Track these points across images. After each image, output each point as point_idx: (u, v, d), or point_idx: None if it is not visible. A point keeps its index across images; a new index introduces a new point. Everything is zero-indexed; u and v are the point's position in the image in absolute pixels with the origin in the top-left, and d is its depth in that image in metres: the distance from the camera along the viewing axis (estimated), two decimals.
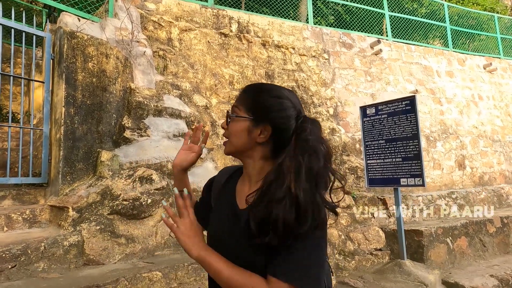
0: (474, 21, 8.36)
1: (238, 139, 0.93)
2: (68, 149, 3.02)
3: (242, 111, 0.93)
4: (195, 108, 4.16)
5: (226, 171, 1.12)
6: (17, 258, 2.35)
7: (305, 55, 5.73)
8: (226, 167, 1.16)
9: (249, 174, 0.97)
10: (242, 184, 1.00)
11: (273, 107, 0.90)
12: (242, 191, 0.97)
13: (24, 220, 2.82)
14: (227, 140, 0.97)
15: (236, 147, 0.95)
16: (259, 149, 0.92)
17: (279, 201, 0.77)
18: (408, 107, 3.68)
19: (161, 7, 4.73)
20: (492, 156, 7.15)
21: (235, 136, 0.94)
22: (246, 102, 0.94)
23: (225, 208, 0.99)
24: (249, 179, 0.97)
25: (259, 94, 0.94)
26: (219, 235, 0.96)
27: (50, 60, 3.38)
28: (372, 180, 3.95)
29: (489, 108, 7.53)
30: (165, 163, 3.35)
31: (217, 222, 0.99)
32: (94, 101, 3.24)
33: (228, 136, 0.96)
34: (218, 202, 1.05)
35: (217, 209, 1.03)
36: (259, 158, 0.93)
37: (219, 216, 1.00)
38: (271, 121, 0.89)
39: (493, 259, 4.34)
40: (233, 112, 0.96)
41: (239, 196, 0.97)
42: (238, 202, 0.95)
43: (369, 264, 3.89)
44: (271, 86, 0.96)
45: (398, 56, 6.72)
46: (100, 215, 2.81)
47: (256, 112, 0.91)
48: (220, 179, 1.09)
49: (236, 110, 0.95)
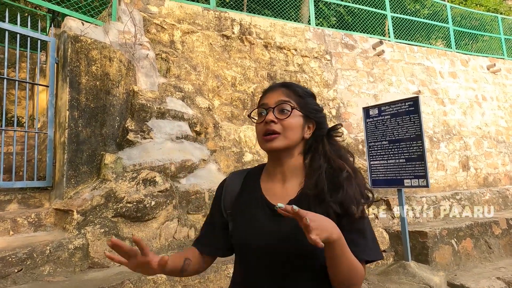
0: (477, 22, 8.33)
1: (295, 134, 0.94)
2: (72, 152, 3.04)
3: (296, 106, 0.95)
4: (197, 110, 4.17)
5: (235, 178, 1.05)
6: (23, 262, 2.37)
7: (307, 56, 5.73)
8: (231, 174, 1.09)
9: (282, 171, 0.96)
10: (270, 183, 0.98)
11: (317, 106, 1.00)
12: (273, 189, 0.96)
13: (29, 224, 2.83)
14: (278, 134, 0.92)
15: (290, 141, 0.93)
16: (301, 146, 0.98)
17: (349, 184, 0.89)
18: (412, 108, 3.67)
19: (163, 10, 4.76)
20: (497, 157, 7.10)
21: (292, 131, 0.93)
22: (296, 100, 0.96)
23: (259, 212, 0.93)
24: (282, 176, 0.97)
25: (305, 93, 1.00)
26: (263, 240, 0.89)
27: (54, 64, 3.41)
28: (376, 181, 3.94)
29: (493, 109, 7.49)
30: (168, 165, 3.36)
31: (252, 230, 0.92)
32: (97, 104, 3.26)
33: (282, 130, 0.92)
34: (241, 210, 0.97)
35: (246, 217, 0.95)
36: (298, 153, 0.98)
37: (252, 224, 0.93)
38: (316, 119, 0.99)
39: (500, 261, 4.30)
40: (289, 105, 0.94)
41: (272, 195, 0.95)
42: (275, 201, 0.91)
43: (374, 265, 3.87)
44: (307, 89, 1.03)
45: (401, 57, 6.70)
46: (104, 218, 2.82)
47: (306, 109, 0.97)
48: (232, 189, 1.03)
49: (291, 105, 0.94)
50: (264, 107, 0.96)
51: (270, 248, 0.88)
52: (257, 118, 0.99)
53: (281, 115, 0.93)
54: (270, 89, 1.00)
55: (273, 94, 0.97)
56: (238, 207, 0.99)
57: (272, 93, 0.97)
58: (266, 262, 0.88)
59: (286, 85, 0.99)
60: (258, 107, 0.99)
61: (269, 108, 0.94)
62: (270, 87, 1.01)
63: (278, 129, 0.92)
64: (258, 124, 0.96)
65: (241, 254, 0.97)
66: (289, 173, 0.96)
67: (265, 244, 0.88)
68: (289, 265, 0.87)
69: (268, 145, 0.93)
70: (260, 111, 0.98)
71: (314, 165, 0.94)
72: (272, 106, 0.94)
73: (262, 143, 0.95)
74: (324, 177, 0.90)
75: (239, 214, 0.98)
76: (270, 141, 0.92)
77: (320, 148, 0.96)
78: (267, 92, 1.00)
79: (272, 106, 0.94)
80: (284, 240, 0.87)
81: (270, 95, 0.97)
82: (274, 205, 0.85)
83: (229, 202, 1.01)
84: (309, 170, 0.95)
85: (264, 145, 0.94)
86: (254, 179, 1.02)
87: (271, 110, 0.94)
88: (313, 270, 0.87)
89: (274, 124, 0.92)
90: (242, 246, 0.95)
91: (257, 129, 0.97)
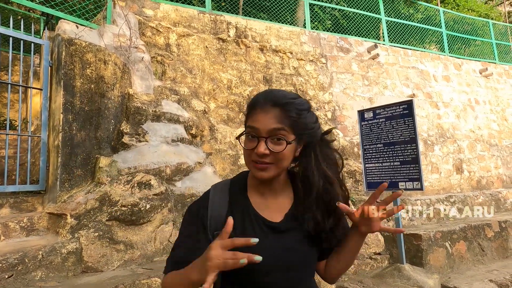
0: (469, 27, 8.46)
1: (287, 162, 0.90)
2: (66, 156, 3.01)
3: (290, 132, 0.87)
4: (193, 113, 4.16)
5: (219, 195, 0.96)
6: (14, 268, 2.33)
7: (302, 59, 5.76)
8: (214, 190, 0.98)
9: (273, 188, 0.95)
10: (260, 197, 0.95)
11: (310, 121, 0.93)
12: (265, 204, 0.94)
13: (21, 228, 2.79)
14: (270, 164, 0.87)
15: (282, 169, 0.91)
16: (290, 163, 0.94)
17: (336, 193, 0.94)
18: (406, 111, 3.70)
19: (159, 13, 4.76)
20: (490, 160, 7.18)
21: (284, 160, 0.89)
22: (289, 121, 0.87)
23: (256, 230, 0.90)
24: (272, 191, 0.95)
25: (299, 111, 0.89)
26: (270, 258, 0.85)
27: (48, 67, 3.38)
28: (371, 183, 3.96)
29: (485, 112, 7.58)
30: (164, 168, 3.34)
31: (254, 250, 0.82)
32: (92, 107, 3.24)
33: (275, 161, 0.87)
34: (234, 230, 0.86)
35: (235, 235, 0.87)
36: (286, 170, 0.96)
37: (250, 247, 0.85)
38: (307, 135, 0.93)
39: (492, 263, 4.34)
40: (282, 135, 0.86)
41: (264, 210, 0.93)
42: (268, 217, 0.92)
43: (368, 268, 3.88)
44: (301, 98, 0.93)
45: (395, 61, 6.77)
46: (99, 222, 2.79)
47: (298, 129, 0.89)
48: (220, 208, 0.93)
49: (284, 133, 0.86)
50: (255, 133, 0.87)
51: (277, 264, 0.88)
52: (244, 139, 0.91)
53: (274, 145, 0.86)
54: (261, 107, 0.88)
55: (264, 117, 0.86)
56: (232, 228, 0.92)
57: (264, 115, 0.87)
58: (274, 278, 0.88)
59: (279, 104, 0.87)
60: (247, 130, 0.90)
61: (261, 137, 0.86)
62: (260, 104, 0.89)
63: (270, 160, 0.87)
64: (247, 149, 0.89)
65: (242, 276, 0.88)
66: (278, 188, 0.96)
67: (273, 260, 0.87)
68: (294, 274, 0.92)
69: (259, 174, 0.88)
70: (252, 136, 0.88)
71: (307, 183, 0.93)
72: (265, 136, 0.85)
73: (252, 169, 0.90)
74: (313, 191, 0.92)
75: (233, 235, 0.89)
76: (262, 170, 0.88)
77: (313, 158, 0.93)
78: (257, 112, 0.88)
79: (265, 136, 0.85)
80: (289, 254, 0.89)
81: (261, 119, 0.87)
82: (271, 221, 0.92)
83: (217, 222, 0.91)
84: (302, 185, 0.94)
85: (255, 172, 0.89)
86: (241, 193, 0.96)
87: (263, 140, 0.85)
88: (311, 273, 0.99)
89: (267, 156, 0.86)
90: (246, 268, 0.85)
91: (246, 152, 0.90)
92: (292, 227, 0.92)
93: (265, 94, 0.92)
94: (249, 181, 0.98)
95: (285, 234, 0.91)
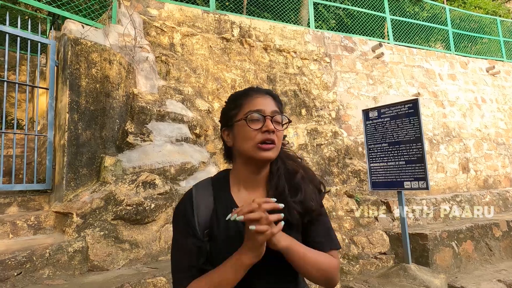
0: (476, 25, 8.36)
1: (281, 144, 0.97)
2: (72, 155, 3.04)
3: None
4: (197, 113, 4.17)
5: (203, 192, 0.97)
6: (23, 265, 2.36)
7: (306, 59, 5.75)
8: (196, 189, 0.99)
9: (258, 180, 0.97)
10: (243, 194, 0.96)
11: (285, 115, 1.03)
12: (248, 199, 0.92)
13: (29, 227, 2.83)
14: (274, 145, 0.92)
15: (279, 152, 0.97)
16: None
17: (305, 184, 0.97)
18: (411, 110, 3.68)
19: (163, 13, 4.78)
20: (497, 159, 7.10)
21: (280, 141, 0.96)
22: (279, 109, 0.98)
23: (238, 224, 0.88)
24: (257, 184, 0.98)
25: (281, 104, 1.02)
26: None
27: (55, 67, 3.41)
28: (375, 183, 3.94)
29: (492, 111, 7.50)
30: (168, 167, 3.36)
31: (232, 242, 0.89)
32: (97, 107, 3.26)
33: (278, 140, 0.93)
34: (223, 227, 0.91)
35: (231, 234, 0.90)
36: None
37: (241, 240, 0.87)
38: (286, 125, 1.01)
39: (500, 263, 4.29)
40: (281, 118, 0.96)
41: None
42: None
43: (374, 268, 3.86)
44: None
45: (400, 59, 6.72)
46: (104, 221, 2.81)
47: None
48: (206, 205, 0.94)
49: (285, 116, 0.98)
50: (261, 114, 0.91)
51: (264, 258, 0.87)
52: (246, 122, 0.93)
53: (276, 125, 0.93)
54: (257, 94, 0.96)
55: (265, 101, 0.94)
56: (220, 224, 0.92)
57: (264, 100, 0.95)
58: (257, 271, 0.87)
59: (271, 94, 0.99)
60: (249, 115, 0.92)
61: (267, 116, 0.91)
62: (256, 91, 0.97)
63: (275, 138, 0.92)
64: (253, 130, 0.90)
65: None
66: (262, 180, 0.99)
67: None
68: (276, 267, 0.91)
69: (265, 154, 0.90)
70: (257, 117, 0.91)
71: (273, 168, 0.98)
72: (270, 115, 0.92)
73: (255, 151, 0.90)
74: (283, 179, 0.96)
75: (222, 231, 0.91)
76: (268, 150, 0.90)
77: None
78: (255, 97, 0.95)
79: (270, 115, 0.92)
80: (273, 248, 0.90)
81: (262, 101, 0.94)
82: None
83: (204, 220, 0.92)
84: (269, 173, 0.99)
85: (260, 153, 0.90)
86: (224, 190, 0.97)
87: (269, 119, 0.91)
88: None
89: (273, 135, 0.91)
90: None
91: (251, 135, 0.90)
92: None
93: (253, 88, 1.00)
94: (232, 178, 1.00)
95: None
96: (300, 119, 5.26)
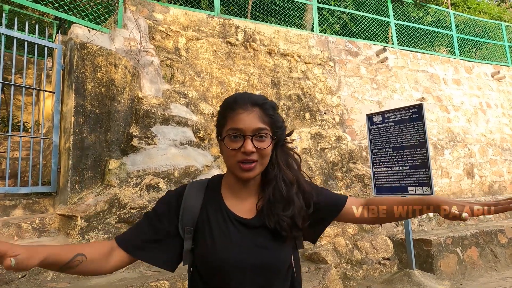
0: (481, 30, 8.34)
1: (268, 159, 0.94)
2: (77, 158, 3.06)
3: (269, 130, 0.92)
4: (201, 116, 4.19)
5: (195, 191, 0.98)
6: None
7: (310, 63, 5.76)
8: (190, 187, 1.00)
9: (248, 188, 0.97)
10: (234, 197, 0.97)
11: (280, 119, 0.98)
12: (238, 202, 0.96)
13: (33, 229, 2.84)
14: (255, 162, 0.90)
15: (264, 167, 0.94)
16: None
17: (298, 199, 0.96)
18: (415, 115, 3.67)
19: (168, 17, 4.82)
20: (502, 164, 7.04)
21: (267, 157, 0.93)
22: (268, 122, 0.92)
23: (230, 227, 0.92)
24: (247, 192, 0.97)
25: (274, 110, 0.95)
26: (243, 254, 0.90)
27: (61, 71, 3.45)
28: (379, 188, 3.92)
29: (497, 116, 7.45)
30: (172, 171, 3.37)
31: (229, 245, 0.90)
32: (102, 110, 3.29)
33: (259, 158, 0.90)
34: (210, 227, 0.93)
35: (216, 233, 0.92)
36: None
37: (227, 240, 0.91)
38: (280, 133, 0.97)
39: (506, 271, 4.24)
40: (265, 133, 0.91)
41: (236, 208, 0.96)
42: (242, 215, 0.94)
43: (377, 273, 3.83)
44: (271, 101, 0.98)
45: (404, 64, 6.71)
46: (108, 224, 2.82)
47: (275, 127, 0.95)
48: (193, 204, 0.96)
49: (266, 131, 0.91)
50: (241, 133, 0.89)
51: (250, 261, 0.89)
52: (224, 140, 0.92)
53: (259, 143, 0.89)
54: (242, 108, 0.90)
55: (247, 117, 0.89)
56: (206, 224, 0.93)
57: (246, 115, 0.89)
58: (247, 275, 0.88)
59: (257, 103, 0.92)
60: (229, 132, 0.90)
61: (247, 136, 0.88)
62: (242, 105, 0.91)
63: (256, 157, 0.90)
64: (231, 150, 0.89)
65: (214, 271, 0.90)
66: (253, 188, 0.98)
67: (246, 256, 0.89)
68: (266, 274, 0.91)
69: (246, 174, 0.90)
70: (237, 136, 0.89)
71: (268, 176, 0.97)
72: (250, 134, 0.88)
73: (237, 170, 0.90)
74: (278, 190, 0.94)
75: (207, 231, 0.92)
76: (248, 171, 0.89)
77: (274, 157, 0.97)
78: (239, 113, 0.90)
79: (250, 134, 0.88)
80: (261, 251, 0.90)
81: (243, 118, 0.89)
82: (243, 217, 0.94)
83: (189, 218, 0.94)
84: (264, 181, 0.98)
85: (241, 173, 0.90)
86: (215, 191, 0.99)
87: (249, 138, 0.88)
88: (284, 279, 0.94)
89: (253, 153, 0.89)
90: (219, 262, 0.89)
91: (230, 154, 0.90)
92: (264, 225, 0.93)
93: (241, 96, 0.94)
94: (224, 181, 1.01)
95: (257, 231, 0.92)
96: (304, 123, 5.26)
